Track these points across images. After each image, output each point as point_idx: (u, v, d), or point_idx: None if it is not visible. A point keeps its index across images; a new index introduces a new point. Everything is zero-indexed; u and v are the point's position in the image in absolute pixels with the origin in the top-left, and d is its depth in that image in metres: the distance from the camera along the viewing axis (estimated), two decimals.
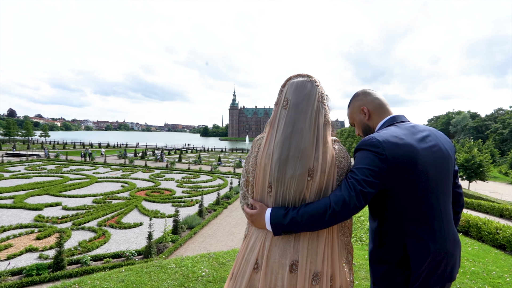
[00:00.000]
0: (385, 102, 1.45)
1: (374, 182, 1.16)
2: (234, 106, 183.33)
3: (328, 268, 1.17)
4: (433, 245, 1.21)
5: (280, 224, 1.14)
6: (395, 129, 1.28)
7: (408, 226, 1.24)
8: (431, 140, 1.28)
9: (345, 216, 1.13)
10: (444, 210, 1.27)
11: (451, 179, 1.33)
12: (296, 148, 1.17)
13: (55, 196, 14.45)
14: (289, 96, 1.25)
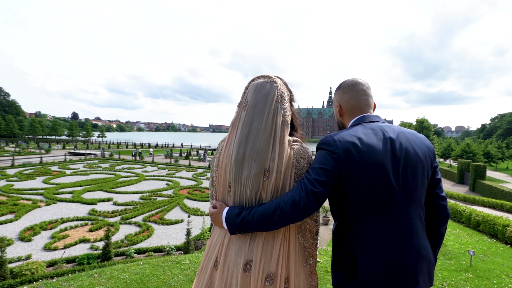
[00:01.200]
0: (362, 104, 1.32)
1: (326, 182, 1.11)
2: None
3: (283, 270, 1.15)
4: (385, 255, 1.10)
5: (234, 223, 1.14)
6: (358, 129, 1.20)
7: (360, 231, 1.14)
8: (398, 142, 1.16)
9: (295, 216, 1.09)
10: (409, 219, 1.14)
11: (422, 187, 1.18)
12: (252, 148, 1.17)
13: (107, 192, 15.58)
14: (249, 97, 1.26)
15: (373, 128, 1.20)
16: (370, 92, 1.36)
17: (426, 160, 1.18)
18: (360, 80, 1.36)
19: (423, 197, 1.19)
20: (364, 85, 1.35)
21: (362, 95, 1.33)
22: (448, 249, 4.84)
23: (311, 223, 1.26)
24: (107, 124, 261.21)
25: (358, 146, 1.12)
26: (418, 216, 1.17)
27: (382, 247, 1.10)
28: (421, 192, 1.17)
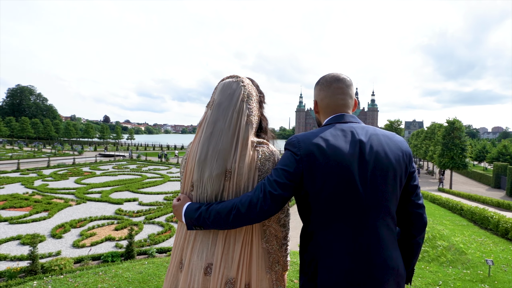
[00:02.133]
0: (337, 103, 1.23)
1: (286, 184, 1.05)
2: (300, 108, 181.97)
3: (244, 276, 1.11)
4: (346, 266, 1.03)
5: (191, 217, 1.11)
6: (327, 130, 1.13)
7: (322, 238, 1.08)
8: (368, 145, 1.08)
9: (251, 218, 1.04)
10: (375, 227, 1.05)
11: (393, 193, 1.09)
12: (214, 148, 1.15)
13: (133, 193, 16.15)
14: (215, 96, 1.24)
15: (344, 129, 1.13)
16: (349, 90, 1.26)
17: (399, 165, 1.10)
18: (340, 76, 1.26)
19: (394, 205, 1.11)
20: (343, 82, 1.25)
21: (338, 93, 1.24)
22: (468, 257, 4.58)
23: (276, 228, 1.22)
24: (136, 127, 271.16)
25: (323, 148, 1.06)
26: (386, 225, 1.09)
27: (343, 256, 1.04)
28: (392, 199, 1.09)
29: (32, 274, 6.45)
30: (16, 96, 79.87)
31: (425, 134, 40.67)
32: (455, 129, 26.92)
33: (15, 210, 11.90)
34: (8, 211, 11.74)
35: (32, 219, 10.81)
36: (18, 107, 78.24)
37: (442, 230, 6.03)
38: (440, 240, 5.38)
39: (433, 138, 34.90)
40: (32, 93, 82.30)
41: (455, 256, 4.73)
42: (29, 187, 16.03)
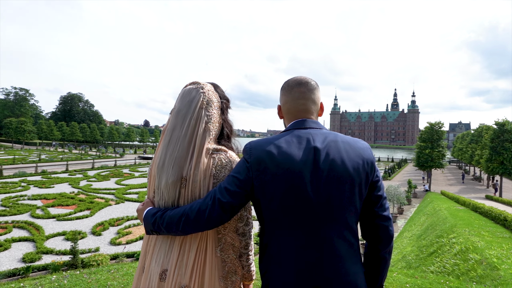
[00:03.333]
0: (298, 108, 1.17)
1: (236, 192, 1.03)
2: (335, 111, 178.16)
3: (197, 283, 1.09)
4: (293, 278, 0.99)
5: (148, 222, 1.11)
6: (283, 136, 1.09)
7: (273, 249, 1.05)
8: (324, 153, 1.02)
9: (200, 225, 1.04)
10: (329, 239, 0.99)
11: (351, 204, 1.02)
12: (171, 156, 1.15)
13: None
14: (176, 104, 1.24)
15: (300, 135, 1.07)
16: (311, 95, 1.18)
17: (358, 174, 1.02)
18: (303, 80, 1.19)
19: (353, 216, 1.04)
20: (305, 86, 1.18)
21: (299, 98, 1.17)
22: (500, 273, 4.20)
23: (233, 237, 1.19)
24: None
25: (274, 156, 1.02)
26: (343, 237, 1.02)
27: (291, 269, 1.00)
28: (349, 210, 1.02)
29: (73, 268, 7.02)
30: (67, 103, 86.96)
31: (471, 137, 37.79)
32: (505, 132, 24.74)
33: (62, 208, 12.95)
34: (56, 208, 12.81)
35: (76, 216, 11.70)
36: (68, 113, 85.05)
37: (477, 242, 5.60)
38: (473, 253, 5.01)
39: (480, 141, 32.32)
40: (81, 100, 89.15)
41: (486, 271, 4.38)
42: (75, 187, 17.38)
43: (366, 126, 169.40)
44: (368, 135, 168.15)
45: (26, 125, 56.24)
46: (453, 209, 11.26)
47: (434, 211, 11.44)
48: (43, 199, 14.25)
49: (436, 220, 9.15)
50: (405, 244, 8.77)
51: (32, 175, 21.23)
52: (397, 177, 30.14)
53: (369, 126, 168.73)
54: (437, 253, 5.29)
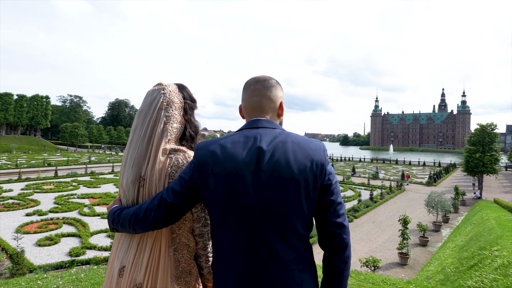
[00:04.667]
0: (253, 106, 1.13)
1: (181, 192, 1.02)
2: (376, 113, 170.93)
3: (150, 282, 1.09)
4: (229, 285, 0.96)
5: (109, 220, 1.15)
6: (232, 136, 1.05)
7: (219, 252, 1.02)
8: (269, 154, 0.97)
9: (147, 225, 1.03)
10: (272, 245, 0.94)
11: (296, 208, 0.96)
12: (131, 155, 1.18)
13: None
14: (140, 105, 1.27)
15: (248, 135, 1.03)
16: (267, 92, 1.13)
17: (305, 176, 0.96)
18: (261, 78, 1.16)
19: (300, 221, 0.97)
20: (261, 84, 1.14)
21: (254, 95, 1.13)
22: None
23: (188, 237, 1.19)
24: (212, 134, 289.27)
25: (217, 156, 1.00)
26: (289, 243, 0.96)
27: (230, 276, 0.98)
28: (295, 214, 0.96)
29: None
30: (115, 108, 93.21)
31: None
32: None
33: (106, 207, 13.86)
34: (101, 207, 13.75)
35: None
36: (116, 118, 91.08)
37: None
38: None
39: None
40: (127, 105, 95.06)
41: None
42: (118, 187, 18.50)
43: (410, 128, 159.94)
44: (412, 138, 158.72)
45: (79, 130, 61.67)
46: (503, 218, 10.24)
47: (482, 221, 10.51)
48: (90, 198, 15.40)
49: (482, 230, 8.40)
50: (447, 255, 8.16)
51: (82, 175, 23.11)
52: (443, 183, 28.12)
53: (414, 129, 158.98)
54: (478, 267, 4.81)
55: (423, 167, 45.07)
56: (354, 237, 11.53)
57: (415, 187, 25.03)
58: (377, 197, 18.39)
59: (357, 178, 28.70)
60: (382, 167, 42.89)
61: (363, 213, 14.93)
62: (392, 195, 19.81)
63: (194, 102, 1.35)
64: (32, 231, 10.32)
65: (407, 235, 9.54)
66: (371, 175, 28.96)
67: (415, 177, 31.21)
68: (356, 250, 10.20)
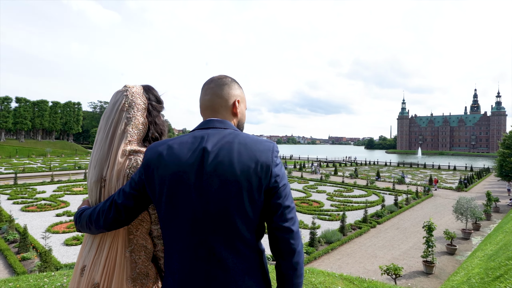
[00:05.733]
0: (205, 105, 1.11)
1: (131, 193, 1.02)
2: (403, 116, 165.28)
3: (107, 282, 1.09)
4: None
5: (74, 220, 1.17)
6: (182, 136, 1.03)
7: (166, 255, 1.01)
8: (213, 155, 0.95)
9: (100, 226, 1.05)
10: (216, 249, 0.92)
11: (240, 210, 0.93)
12: (95, 156, 1.20)
13: None
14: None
15: (196, 136, 1.01)
16: (219, 90, 1.11)
17: (248, 178, 0.93)
18: (216, 77, 1.14)
19: (245, 224, 0.94)
20: (214, 82, 1.12)
21: (206, 94, 1.12)
22: None
23: (146, 239, 1.18)
24: None
25: (163, 157, 0.98)
26: (233, 247, 0.94)
27: (178, 281, 0.96)
28: (238, 217, 0.93)
29: None
30: None
31: None
32: None
33: None
34: None
35: None
36: None
37: None
38: None
39: None
40: None
41: None
42: None
43: (439, 131, 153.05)
44: (442, 142, 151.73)
45: None
46: None
47: None
48: None
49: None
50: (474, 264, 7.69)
51: None
52: (475, 189, 26.64)
53: (444, 132, 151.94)
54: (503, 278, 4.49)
55: (453, 172, 42.95)
56: (376, 244, 11.17)
57: (444, 192, 23.89)
58: (402, 203, 17.72)
59: (382, 182, 27.84)
60: (408, 171, 41.32)
61: (387, 219, 14.43)
62: (418, 201, 19.03)
63: (160, 104, 1.34)
64: (60, 231, 10.86)
65: (432, 242, 9.11)
66: (397, 180, 27.99)
67: (444, 182, 29.83)
68: (378, 257, 9.87)
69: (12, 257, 8.12)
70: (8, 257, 8.19)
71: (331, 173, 33.14)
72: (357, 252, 10.25)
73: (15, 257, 8.20)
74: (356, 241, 11.41)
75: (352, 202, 17.80)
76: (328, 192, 21.10)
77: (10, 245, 9.25)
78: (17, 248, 8.82)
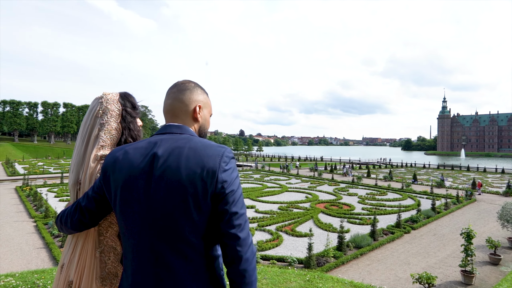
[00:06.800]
0: (165, 109, 1.13)
1: (93, 197, 1.07)
2: (444, 115, 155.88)
3: (79, 280, 1.14)
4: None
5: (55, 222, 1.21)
6: (141, 141, 1.05)
7: (123, 259, 1.03)
8: (162, 160, 0.97)
9: (68, 228, 1.11)
10: (162, 254, 0.93)
11: (185, 216, 0.94)
12: (73, 161, 1.26)
13: (252, 200, 17.58)
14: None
15: (151, 141, 1.03)
16: (180, 95, 1.12)
17: (193, 184, 0.93)
18: (179, 82, 1.16)
19: (192, 229, 0.95)
20: (176, 87, 1.13)
21: (168, 99, 1.13)
22: None
23: (114, 240, 1.22)
24: (266, 139, 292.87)
25: (118, 162, 1.01)
26: (180, 253, 0.95)
27: (130, 285, 0.99)
28: (183, 221, 0.94)
29: None
30: None
31: None
32: None
33: None
34: None
35: None
36: None
37: None
38: None
39: None
40: None
41: None
42: None
43: (486, 131, 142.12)
44: (489, 142, 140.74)
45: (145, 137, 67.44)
46: None
47: None
48: None
49: None
50: None
51: None
52: None
53: (491, 131, 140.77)
54: None
55: (501, 175, 39.66)
56: (410, 250, 10.65)
57: (489, 197, 22.17)
58: (441, 207, 16.71)
59: (419, 186, 26.45)
60: (449, 174, 38.86)
61: (423, 224, 13.70)
62: (459, 206, 17.84)
63: (135, 110, 1.39)
64: None
65: (471, 251, 8.50)
66: (435, 183, 26.46)
67: (490, 186, 27.68)
68: (411, 265, 9.40)
69: (56, 250, 8.81)
70: (53, 250, 8.91)
71: (364, 176, 32.04)
72: (388, 259, 9.85)
73: (58, 250, 8.89)
74: (388, 246, 10.96)
75: (385, 206, 17.12)
76: (360, 195, 20.46)
77: (55, 239, 10.02)
78: (60, 242, 9.59)
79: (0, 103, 63.53)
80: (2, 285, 4.42)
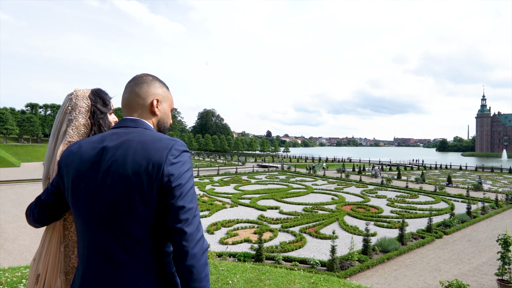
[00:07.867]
0: (123, 104, 1.12)
1: (51, 191, 1.09)
2: (483, 114, 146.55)
3: (45, 274, 1.17)
4: (80, 285, 0.98)
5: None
6: (95, 136, 1.06)
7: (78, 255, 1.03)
8: (111, 153, 0.97)
9: (31, 221, 1.14)
10: (109, 249, 0.95)
11: (131, 210, 0.92)
12: (46, 156, 1.29)
13: (277, 201, 17.52)
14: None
15: (104, 134, 1.04)
16: (137, 88, 1.10)
17: (139, 177, 0.92)
18: (138, 75, 1.15)
19: (137, 224, 0.93)
20: (134, 81, 1.12)
21: (125, 92, 1.12)
22: None
23: (76, 237, 1.22)
24: (293, 140, 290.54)
25: (71, 156, 1.02)
26: (126, 247, 0.94)
27: (79, 281, 1.00)
28: (129, 215, 0.93)
29: None
30: (203, 117, 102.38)
31: None
32: None
33: None
34: None
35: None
36: (204, 126, 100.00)
37: None
38: None
39: None
40: (214, 114, 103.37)
41: None
42: (201, 190, 20.29)
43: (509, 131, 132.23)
44: None
45: None
46: None
47: None
48: None
49: None
50: None
51: None
52: None
53: None
54: None
55: None
56: (441, 256, 10.12)
57: None
58: (477, 212, 15.72)
59: (454, 188, 25.05)
60: (488, 176, 36.40)
61: (456, 229, 12.96)
62: (498, 210, 16.68)
63: (106, 106, 1.38)
64: None
65: (508, 259, 7.93)
66: (472, 186, 24.93)
67: None
68: (442, 271, 8.92)
69: None
70: None
71: (394, 177, 30.84)
72: (417, 264, 9.42)
73: None
74: (417, 251, 10.48)
75: (416, 209, 16.39)
76: (389, 197, 19.73)
77: None
78: None
79: (42, 107, 68.25)
80: (19, 276, 4.74)
